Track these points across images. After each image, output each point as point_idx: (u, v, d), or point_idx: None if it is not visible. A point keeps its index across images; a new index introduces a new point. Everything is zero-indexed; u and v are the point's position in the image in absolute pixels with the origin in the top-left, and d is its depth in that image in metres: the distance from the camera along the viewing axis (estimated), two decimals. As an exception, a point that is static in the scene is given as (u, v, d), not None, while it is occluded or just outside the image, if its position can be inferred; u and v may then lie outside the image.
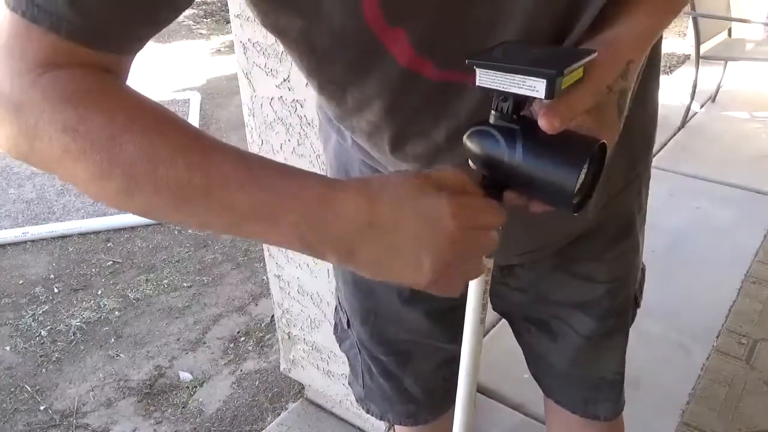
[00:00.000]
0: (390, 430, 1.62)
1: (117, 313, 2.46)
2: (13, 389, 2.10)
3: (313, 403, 1.86)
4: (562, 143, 0.49)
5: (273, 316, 1.92)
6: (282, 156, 1.37)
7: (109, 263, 2.79)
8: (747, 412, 1.74)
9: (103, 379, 2.13)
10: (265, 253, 1.60)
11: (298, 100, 1.27)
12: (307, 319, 1.62)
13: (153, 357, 2.23)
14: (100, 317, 2.44)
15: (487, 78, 0.48)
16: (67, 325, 2.39)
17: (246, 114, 1.39)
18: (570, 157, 0.49)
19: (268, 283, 1.66)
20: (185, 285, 2.62)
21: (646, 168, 0.81)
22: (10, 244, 2.94)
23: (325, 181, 0.50)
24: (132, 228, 3.04)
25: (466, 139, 0.52)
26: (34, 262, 2.81)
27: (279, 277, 1.60)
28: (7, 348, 2.29)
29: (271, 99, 1.31)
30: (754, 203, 2.81)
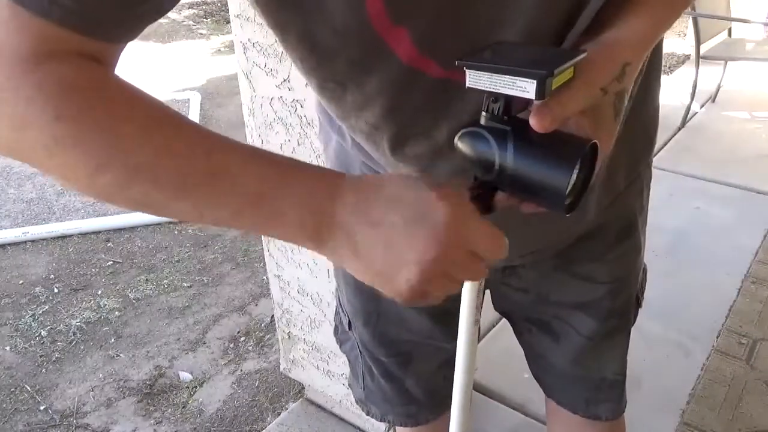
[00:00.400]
0: (390, 430, 1.62)
1: (117, 313, 2.46)
2: (13, 389, 2.10)
3: (313, 403, 1.86)
4: (553, 144, 0.49)
5: (273, 316, 1.92)
6: (282, 156, 1.37)
7: (109, 263, 2.79)
8: (747, 412, 1.74)
9: (103, 379, 2.13)
10: (265, 253, 1.60)
11: (298, 100, 1.27)
12: (307, 319, 1.62)
13: (153, 357, 2.22)
14: (100, 317, 2.44)
15: (478, 79, 0.48)
16: (67, 325, 2.39)
17: (246, 114, 1.39)
18: (562, 157, 0.49)
19: (268, 283, 1.66)
20: (185, 285, 2.62)
21: (647, 168, 0.81)
22: (10, 244, 2.94)
23: (332, 174, 0.51)
24: (132, 228, 3.04)
25: (458, 141, 0.52)
26: (34, 262, 2.81)
27: (279, 277, 1.60)
28: (7, 348, 2.29)
29: (271, 99, 1.31)
30: (753, 203, 2.81)
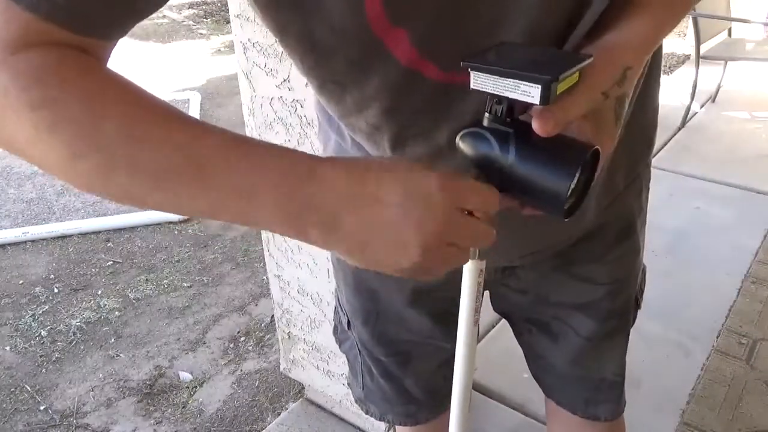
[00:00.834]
0: (390, 430, 1.62)
1: (117, 313, 2.46)
2: (13, 389, 2.10)
3: (313, 403, 1.86)
4: (555, 148, 0.49)
5: (273, 316, 1.92)
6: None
7: (109, 263, 2.79)
8: (747, 412, 1.74)
9: (103, 379, 2.13)
10: (265, 253, 1.60)
11: (298, 100, 1.27)
12: (307, 319, 1.62)
13: (153, 357, 2.22)
14: (100, 317, 2.44)
15: (482, 81, 0.47)
16: (67, 325, 2.39)
17: (246, 114, 1.39)
18: (563, 163, 0.48)
19: (268, 283, 1.66)
20: (185, 285, 2.62)
21: (646, 168, 0.81)
22: (10, 244, 2.94)
23: (312, 156, 0.49)
24: (132, 228, 3.04)
25: (459, 141, 0.52)
26: (34, 262, 2.81)
27: (279, 277, 1.60)
28: (7, 348, 2.29)
29: (271, 99, 1.31)
30: (753, 203, 2.81)
